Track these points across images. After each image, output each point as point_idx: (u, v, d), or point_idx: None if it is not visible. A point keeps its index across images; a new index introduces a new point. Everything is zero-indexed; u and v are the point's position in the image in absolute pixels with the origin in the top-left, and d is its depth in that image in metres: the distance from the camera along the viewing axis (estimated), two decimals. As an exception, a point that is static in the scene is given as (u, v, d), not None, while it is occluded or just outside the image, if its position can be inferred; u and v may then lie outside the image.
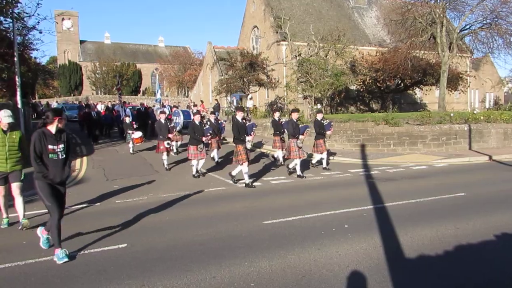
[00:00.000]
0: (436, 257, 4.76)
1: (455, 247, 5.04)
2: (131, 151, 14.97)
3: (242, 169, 9.46)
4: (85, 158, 14.25)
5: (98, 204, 7.99)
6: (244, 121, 11.06)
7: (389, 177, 10.28)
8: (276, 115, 12.57)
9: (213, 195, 8.57)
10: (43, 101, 41.89)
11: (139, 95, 55.34)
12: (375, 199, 7.73)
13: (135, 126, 15.81)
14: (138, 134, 14.85)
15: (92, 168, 12.61)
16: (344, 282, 4.13)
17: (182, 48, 63.74)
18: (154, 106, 24.38)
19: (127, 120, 15.53)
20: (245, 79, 23.51)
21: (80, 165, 13.09)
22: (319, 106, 21.80)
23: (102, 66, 55.14)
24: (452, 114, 16.64)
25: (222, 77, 26.54)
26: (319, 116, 11.77)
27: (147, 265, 4.66)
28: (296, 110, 11.21)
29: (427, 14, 22.66)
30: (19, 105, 14.71)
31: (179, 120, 15.90)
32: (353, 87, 27.46)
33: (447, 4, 22.48)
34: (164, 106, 20.40)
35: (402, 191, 8.48)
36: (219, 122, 14.00)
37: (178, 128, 14.38)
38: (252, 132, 11.19)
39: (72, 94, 54.16)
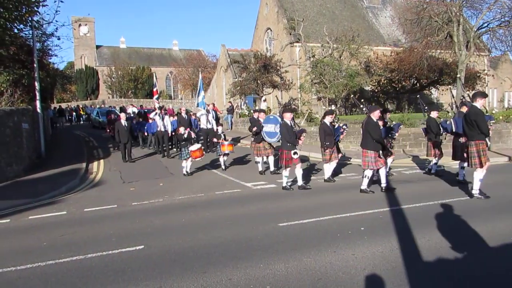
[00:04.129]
0: (454, 260, 4.67)
1: (474, 250, 4.94)
2: (186, 170, 11.25)
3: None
4: (102, 161, 14.51)
5: (115, 206, 8.12)
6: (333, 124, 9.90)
7: (406, 179, 10.14)
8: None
9: (228, 197, 8.60)
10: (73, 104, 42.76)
11: (154, 98, 55.99)
12: (391, 201, 7.64)
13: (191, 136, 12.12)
14: (196, 145, 11.48)
15: (109, 170, 12.83)
16: (361, 285, 4.10)
17: (196, 51, 64.17)
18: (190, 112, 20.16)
19: (182, 130, 11.74)
20: (259, 81, 23.56)
21: (97, 168, 13.34)
22: (333, 107, 21.69)
23: (118, 70, 56.06)
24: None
25: (236, 80, 26.66)
26: (434, 114, 10.45)
27: (163, 266, 4.72)
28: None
29: (443, 12, 22.31)
30: (38, 110, 15.08)
31: (279, 129, 9.89)
32: (367, 88, 27.24)
33: (464, 2, 22.09)
34: (208, 112, 16.30)
35: (419, 193, 8.35)
36: (335, 126, 10.32)
37: (275, 139, 10.44)
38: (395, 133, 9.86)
39: (88, 98, 55.23)
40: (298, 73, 26.03)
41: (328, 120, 9.79)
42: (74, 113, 37.46)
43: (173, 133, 15.67)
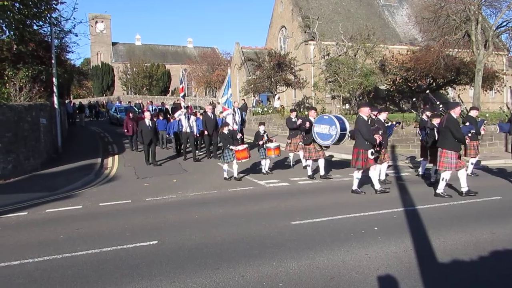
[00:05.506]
0: (470, 262, 4.60)
1: (491, 253, 4.85)
2: (226, 175, 10.23)
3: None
4: (116, 157, 14.69)
5: (129, 201, 8.23)
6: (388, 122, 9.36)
7: (421, 179, 10.01)
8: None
9: (241, 195, 8.63)
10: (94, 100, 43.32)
11: (168, 95, 56.44)
12: (406, 201, 7.55)
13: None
14: (242, 145, 10.34)
15: (124, 166, 12.99)
16: (374, 285, 4.07)
17: (210, 49, 64.42)
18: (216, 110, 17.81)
19: (226, 130, 10.36)
20: (272, 79, 23.52)
21: (112, 163, 13.53)
22: (347, 105, 21.53)
23: (133, 67, 56.63)
24: (487, 115, 16.00)
25: (250, 77, 26.66)
26: (473, 113, 9.97)
27: (177, 262, 4.77)
28: None
29: (461, 11, 21.88)
30: (56, 105, 15.35)
31: (334, 131, 9.13)
32: (382, 87, 26.92)
33: (483, 0, 21.65)
34: (234, 112, 14.62)
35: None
36: (390, 124, 10.04)
37: (329, 142, 9.39)
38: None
39: (104, 94, 55.92)
40: (312, 71, 25.86)
41: (382, 117, 9.17)
42: (93, 110, 37.74)
43: (198, 135, 14.47)
